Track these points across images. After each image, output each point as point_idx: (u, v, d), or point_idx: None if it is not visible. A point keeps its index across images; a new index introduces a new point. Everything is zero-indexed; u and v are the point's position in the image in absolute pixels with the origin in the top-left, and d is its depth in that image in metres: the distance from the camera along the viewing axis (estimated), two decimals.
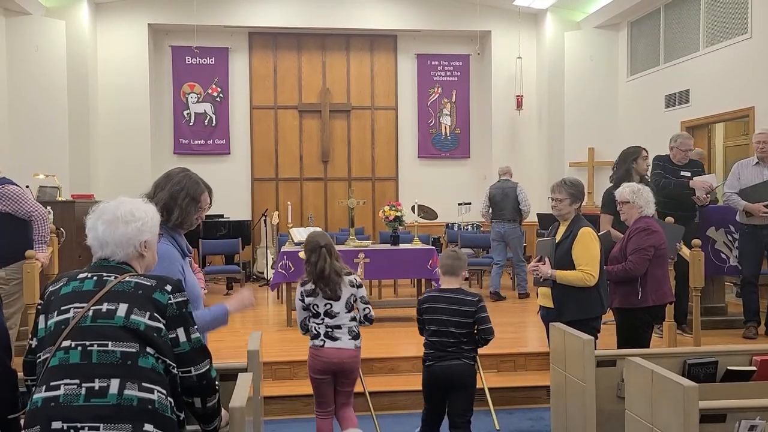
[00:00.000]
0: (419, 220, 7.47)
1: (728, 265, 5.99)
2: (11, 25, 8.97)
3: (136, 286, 1.94)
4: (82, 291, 1.92)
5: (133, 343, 1.85)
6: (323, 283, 3.55)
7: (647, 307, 3.96)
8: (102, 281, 1.94)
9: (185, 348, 1.95)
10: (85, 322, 1.86)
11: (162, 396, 1.86)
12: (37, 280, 4.50)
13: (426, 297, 3.65)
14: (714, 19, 8.06)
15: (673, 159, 5.81)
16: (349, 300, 3.61)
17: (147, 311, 1.89)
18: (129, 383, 1.80)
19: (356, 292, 3.64)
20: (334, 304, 3.58)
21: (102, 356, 1.82)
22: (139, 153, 10.09)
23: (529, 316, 7.00)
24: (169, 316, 1.93)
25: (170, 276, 2.06)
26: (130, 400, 1.79)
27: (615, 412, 3.20)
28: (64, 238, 5.52)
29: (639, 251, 3.93)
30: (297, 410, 4.63)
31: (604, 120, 10.22)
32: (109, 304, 1.88)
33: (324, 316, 3.58)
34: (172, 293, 1.96)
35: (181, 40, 10.67)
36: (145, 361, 1.85)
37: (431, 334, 3.58)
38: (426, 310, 3.58)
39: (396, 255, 6.64)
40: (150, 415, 1.81)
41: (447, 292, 3.56)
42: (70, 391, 1.78)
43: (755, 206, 5.49)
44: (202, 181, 2.67)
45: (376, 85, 11.29)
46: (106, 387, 1.78)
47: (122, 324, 1.86)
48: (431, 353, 3.59)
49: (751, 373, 3.15)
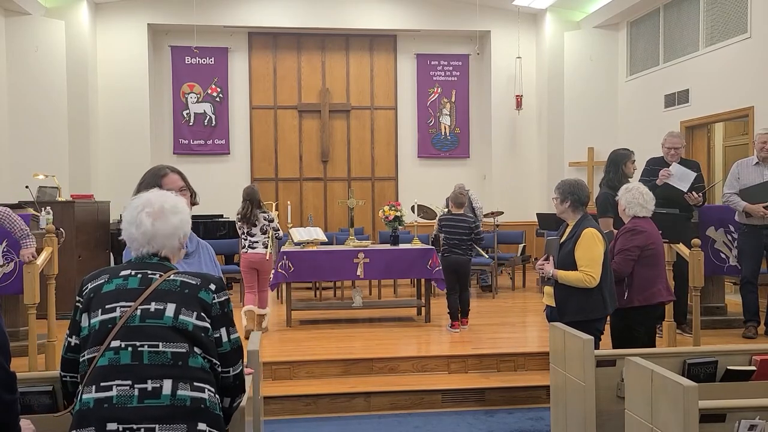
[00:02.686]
0: (419, 220, 7.47)
1: (728, 264, 5.99)
2: (11, 25, 8.97)
3: (182, 285, 1.93)
4: (127, 289, 1.91)
5: (182, 343, 1.85)
6: (246, 219, 6.12)
7: (634, 307, 3.98)
8: (147, 279, 1.93)
9: (226, 348, 1.96)
10: (133, 321, 1.85)
11: (211, 394, 1.87)
12: (37, 280, 4.50)
13: (444, 217, 6.31)
14: (713, 19, 8.06)
15: (666, 158, 5.81)
16: (263, 227, 6.11)
17: (194, 311, 1.90)
18: (181, 383, 1.81)
19: (268, 224, 6.13)
20: (252, 229, 6.13)
21: (153, 357, 1.82)
22: (139, 153, 10.07)
23: (529, 315, 7.00)
24: (213, 316, 1.93)
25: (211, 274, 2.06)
26: (183, 401, 1.80)
27: (615, 412, 3.20)
28: (64, 238, 5.52)
29: (622, 252, 3.98)
30: (297, 410, 4.64)
31: (603, 120, 10.22)
32: (157, 303, 1.88)
33: (248, 236, 6.15)
34: (216, 292, 1.96)
35: (180, 41, 10.67)
36: (195, 360, 1.86)
37: (447, 239, 6.13)
38: (444, 225, 6.20)
39: (396, 255, 6.64)
40: (203, 414, 1.83)
41: (455, 215, 6.23)
42: (122, 393, 1.78)
43: (755, 207, 5.48)
44: (167, 167, 2.69)
45: (376, 85, 11.29)
46: (159, 388, 1.79)
47: (171, 324, 1.86)
48: (447, 248, 6.16)
49: (751, 373, 3.15)
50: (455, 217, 6.25)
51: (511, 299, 7.96)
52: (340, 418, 4.55)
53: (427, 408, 4.71)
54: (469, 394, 4.80)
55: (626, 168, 5.20)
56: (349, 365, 5.12)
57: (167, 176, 2.65)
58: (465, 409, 4.70)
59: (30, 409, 2.43)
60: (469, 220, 6.23)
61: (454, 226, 6.18)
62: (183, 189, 2.64)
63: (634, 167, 5.30)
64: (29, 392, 2.45)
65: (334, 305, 7.62)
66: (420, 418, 4.53)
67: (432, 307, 6.67)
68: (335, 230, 10.42)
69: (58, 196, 7.41)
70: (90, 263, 7.34)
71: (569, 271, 3.73)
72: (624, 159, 5.22)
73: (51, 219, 5.67)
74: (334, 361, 5.14)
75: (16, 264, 5.24)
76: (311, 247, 6.63)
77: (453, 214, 6.27)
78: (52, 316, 4.79)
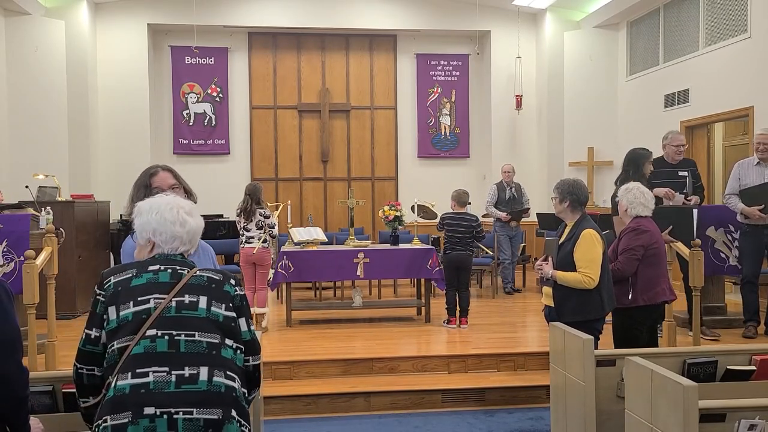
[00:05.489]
0: (419, 220, 7.48)
1: (728, 264, 5.99)
2: (11, 25, 8.97)
3: (209, 280, 2.04)
4: (159, 282, 1.99)
5: (215, 334, 1.95)
6: (245, 213, 6.32)
7: (639, 306, 3.98)
8: (177, 274, 2.02)
9: (246, 337, 2.06)
10: (169, 312, 1.93)
11: (240, 385, 1.94)
12: (37, 280, 4.50)
13: (446, 216, 6.39)
14: (713, 19, 8.06)
15: (667, 158, 5.80)
16: (258, 223, 6.27)
17: (223, 303, 2.01)
18: (216, 371, 1.88)
19: (264, 219, 6.29)
20: (249, 224, 6.29)
21: (189, 346, 1.89)
22: (139, 153, 10.06)
23: (529, 315, 7.00)
24: (236, 307, 2.05)
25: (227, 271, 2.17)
26: (218, 387, 1.87)
27: (615, 411, 3.20)
28: (64, 238, 5.52)
29: (627, 251, 3.97)
30: (297, 410, 4.64)
31: (603, 120, 10.22)
32: (190, 296, 1.98)
33: (244, 230, 6.33)
34: (236, 286, 2.08)
35: (180, 40, 10.67)
36: (226, 352, 1.95)
37: (449, 237, 6.33)
38: (447, 223, 6.36)
39: (396, 255, 6.64)
40: (235, 402, 1.90)
41: (458, 214, 6.36)
42: (160, 378, 1.83)
43: (751, 210, 5.49)
44: (159, 166, 2.73)
45: (376, 85, 11.29)
46: (196, 374, 1.85)
47: (205, 315, 1.96)
48: (449, 245, 6.35)
49: (751, 373, 3.15)
50: (458, 215, 6.34)
51: (511, 299, 7.96)
52: (340, 418, 4.55)
53: (427, 408, 4.71)
54: (469, 394, 4.80)
55: (645, 168, 5.19)
56: (349, 365, 5.12)
57: (157, 175, 2.66)
58: (465, 409, 4.70)
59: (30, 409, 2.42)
60: (471, 219, 6.34)
61: (456, 225, 6.30)
62: (175, 187, 2.64)
63: (650, 168, 5.31)
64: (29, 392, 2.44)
65: (334, 305, 7.62)
66: (420, 418, 4.53)
67: (432, 307, 6.67)
68: (335, 230, 10.42)
69: (58, 196, 7.41)
70: (90, 263, 7.34)
71: (568, 272, 3.73)
72: (644, 159, 5.23)
73: (51, 219, 5.66)
74: (334, 361, 5.14)
75: (16, 264, 5.24)
76: (311, 247, 6.63)
77: (456, 213, 6.37)
78: (51, 316, 4.78)
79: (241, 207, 6.37)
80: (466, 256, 6.32)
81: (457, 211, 6.39)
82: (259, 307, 6.27)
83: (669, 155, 5.78)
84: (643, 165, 5.19)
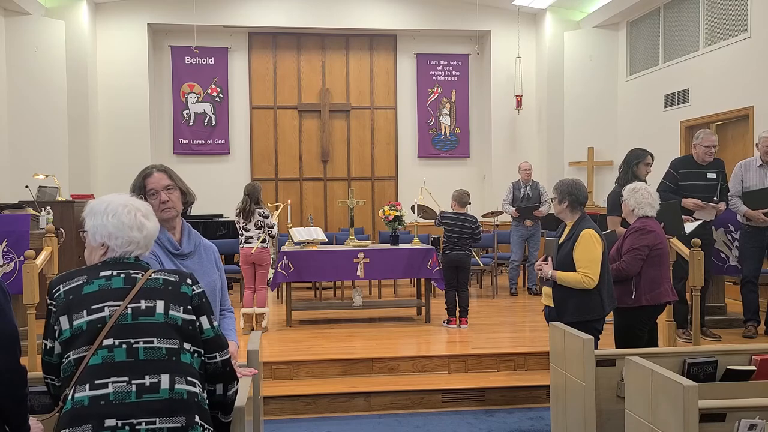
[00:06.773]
0: (419, 220, 7.47)
1: (728, 264, 5.99)
2: (11, 25, 8.97)
3: (165, 283, 1.97)
4: (112, 289, 1.92)
5: (174, 339, 1.89)
6: (244, 213, 6.32)
7: (642, 306, 3.98)
8: (131, 278, 1.95)
9: (210, 334, 2.00)
10: (125, 320, 1.87)
11: (201, 390, 1.91)
12: (37, 280, 4.50)
13: (446, 215, 6.39)
14: (713, 19, 8.05)
15: (696, 159, 5.55)
16: (257, 223, 6.27)
17: (181, 305, 1.95)
18: (177, 377, 1.84)
19: (263, 219, 6.28)
20: (248, 224, 6.29)
21: (149, 353, 1.84)
22: (139, 153, 10.06)
23: (529, 315, 7.00)
24: (194, 306, 1.99)
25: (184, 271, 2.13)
26: (180, 394, 1.83)
27: (615, 411, 3.20)
28: (64, 238, 5.52)
29: (632, 251, 3.96)
30: (297, 410, 4.64)
31: (603, 120, 10.22)
32: (147, 301, 1.91)
33: (243, 230, 6.32)
34: (193, 285, 2.02)
35: (180, 40, 10.67)
36: (185, 357, 1.90)
37: (448, 237, 6.32)
38: (446, 223, 6.34)
39: (396, 255, 6.64)
40: (197, 408, 1.86)
41: (458, 214, 6.37)
42: (120, 389, 1.79)
43: (755, 213, 5.47)
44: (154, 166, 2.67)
45: (376, 85, 11.29)
46: (157, 383, 1.81)
47: (163, 320, 1.90)
48: (448, 245, 6.32)
49: (751, 373, 3.15)
50: (458, 215, 6.35)
51: (512, 299, 7.96)
52: (340, 418, 4.55)
53: (427, 408, 4.71)
54: (469, 394, 4.80)
55: (637, 169, 4.92)
56: (349, 365, 5.12)
57: (151, 176, 2.59)
58: (465, 409, 4.70)
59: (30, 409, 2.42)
60: (471, 219, 6.35)
61: (456, 225, 6.31)
62: (170, 187, 2.58)
63: (648, 170, 4.99)
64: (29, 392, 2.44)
65: (334, 305, 7.62)
66: (420, 418, 4.54)
67: (432, 307, 6.67)
68: (335, 230, 10.42)
69: (58, 196, 7.41)
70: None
71: (568, 272, 3.73)
72: (636, 159, 4.95)
73: (51, 219, 5.67)
74: (334, 361, 5.14)
75: (16, 264, 5.24)
76: (311, 247, 6.63)
77: (456, 213, 6.37)
78: None
79: (240, 207, 6.38)
80: (464, 256, 6.33)
81: (458, 211, 6.40)
82: (259, 307, 6.27)
83: (699, 156, 5.52)
84: (635, 165, 5.01)
